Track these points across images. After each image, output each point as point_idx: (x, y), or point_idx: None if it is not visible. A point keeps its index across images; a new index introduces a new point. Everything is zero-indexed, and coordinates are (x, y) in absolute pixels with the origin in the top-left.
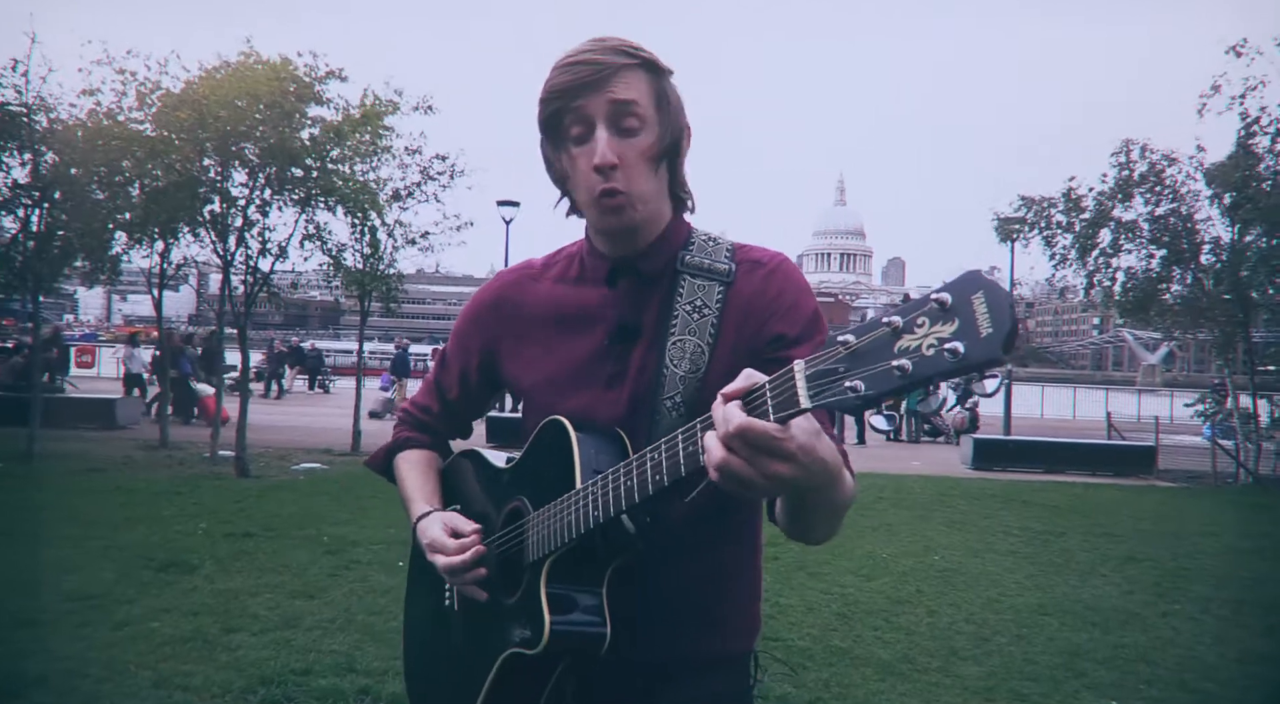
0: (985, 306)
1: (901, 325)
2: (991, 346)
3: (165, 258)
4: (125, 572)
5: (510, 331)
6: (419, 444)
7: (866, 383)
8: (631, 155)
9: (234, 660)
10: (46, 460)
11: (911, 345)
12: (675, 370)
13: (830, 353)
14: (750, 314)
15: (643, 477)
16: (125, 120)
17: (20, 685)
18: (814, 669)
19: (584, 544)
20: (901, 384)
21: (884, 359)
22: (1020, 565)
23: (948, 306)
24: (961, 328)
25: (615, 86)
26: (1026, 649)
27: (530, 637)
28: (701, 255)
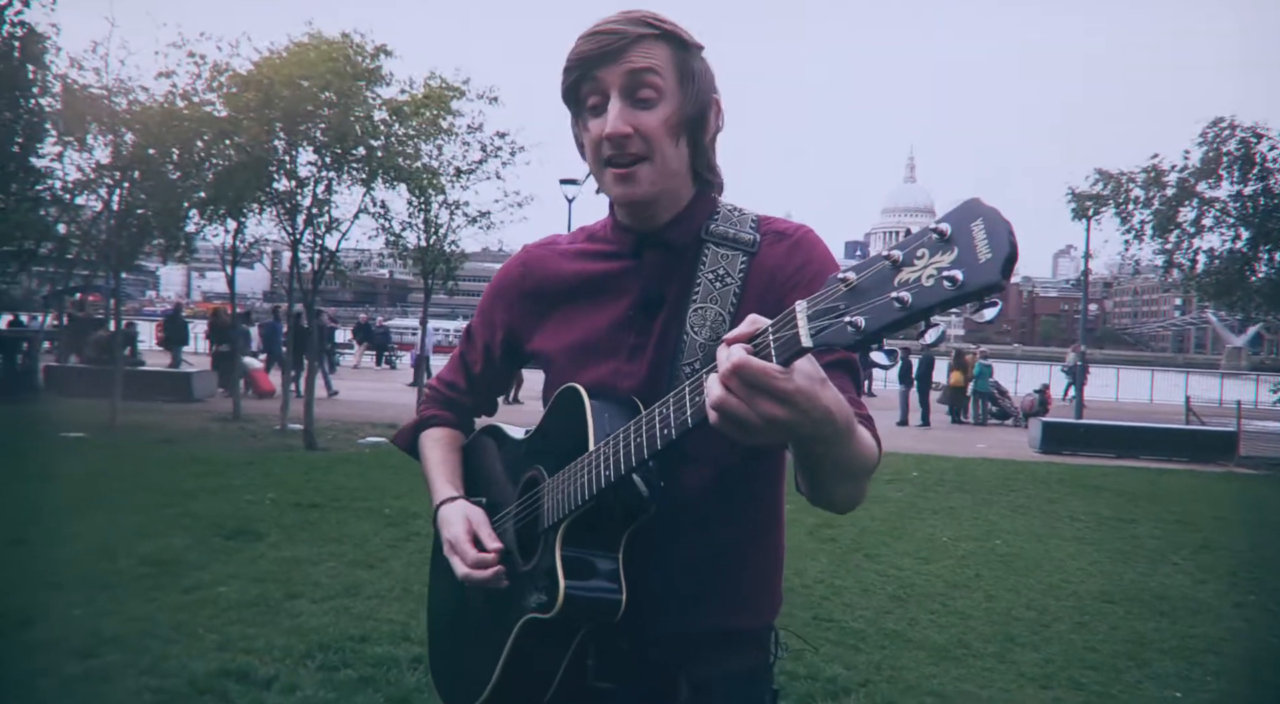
0: (984, 233)
1: (901, 258)
2: (990, 271)
3: (237, 236)
4: (197, 539)
5: (534, 305)
6: (443, 422)
7: (867, 317)
8: (648, 126)
9: (295, 626)
10: (127, 431)
11: (911, 277)
12: (695, 337)
13: (831, 291)
14: (773, 284)
15: (651, 432)
16: (199, 102)
17: (96, 644)
18: (866, 651)
19: (599, 507)
20: (901, 316)
21: (884, 292)
22: (1085, 552)
23: (947, 236)
24: (960, 256)
25: (633, 56)
26: (1087, 637)
27: (546, 601)
28: (726, 225)
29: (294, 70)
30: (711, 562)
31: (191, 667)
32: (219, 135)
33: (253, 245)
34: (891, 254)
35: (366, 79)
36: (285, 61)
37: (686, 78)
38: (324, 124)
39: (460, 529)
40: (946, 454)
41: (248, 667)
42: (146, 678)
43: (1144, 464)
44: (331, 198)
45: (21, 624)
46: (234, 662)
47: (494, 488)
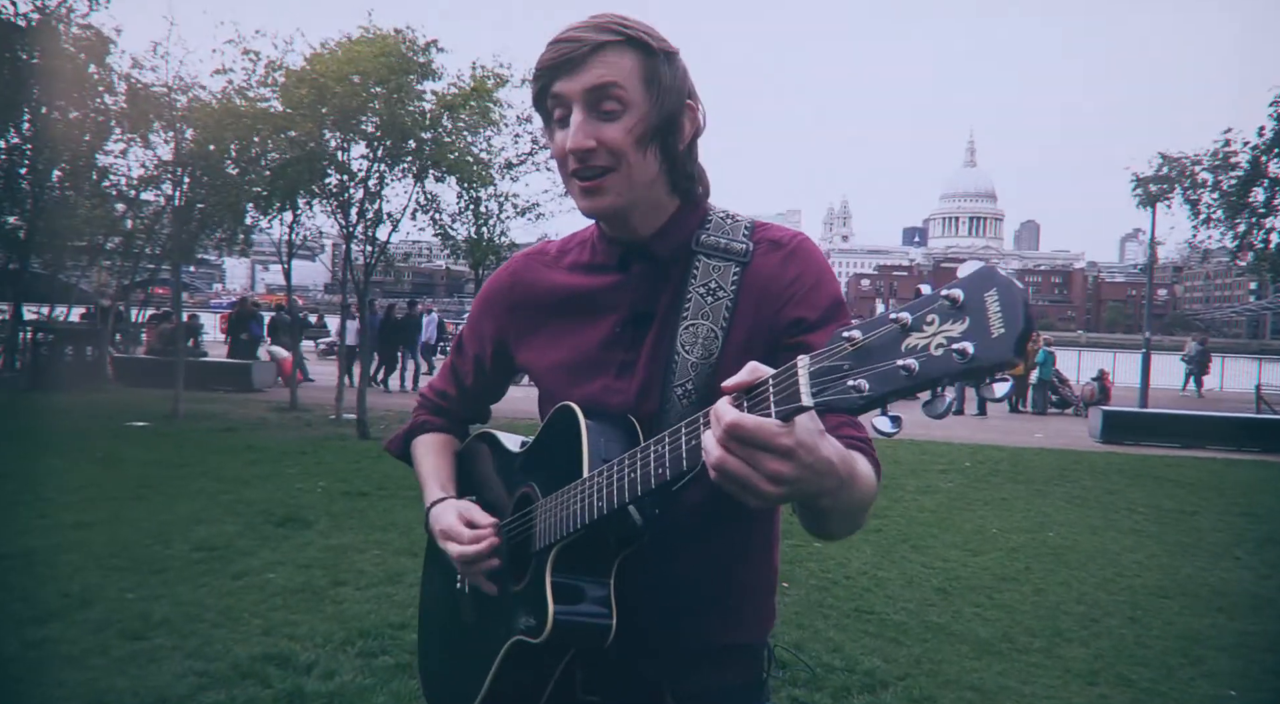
0: (998, 305)
1: (910, 322)
2: (1002, 348)
3: (293, 229)
4: (248, 525)
5: (523, 318)
6: (435, 428)
7: (871, 382)
8: (612, 138)
9: (338, 612)
10: (188, 420)
11: (919, 344)
12: (687, 356)
13: (836, 349)
14: (768, 296)
15: (645, 469)
16: (254, 98)
17: (146, 627)
18: (907, 644)
19: (591, 534)
20: (907, 385)
21: (890, 357)
22: (1143, 544)
23: (959, 303)
24: (972, 327)
25: (592, 67)
26: (1139, 632)
27: (534, 625)
28: (718, 235)
29: (346, 66)
30: (704, 578)
31: (235, 651)
32: (273, 130)
33: (307, 239)
34: (900, 316)
35: (418, 73)
36: (337, 57)
37: (653, 85)
38: (376, 118)
39: (453, 517)
40: (1002, 444)
41: (289, 652)
42: (191, 661)
43: (1210, 454)
44: (383, 191)
45: (82, 604)
46: (276, 647)
47: (487, 498)
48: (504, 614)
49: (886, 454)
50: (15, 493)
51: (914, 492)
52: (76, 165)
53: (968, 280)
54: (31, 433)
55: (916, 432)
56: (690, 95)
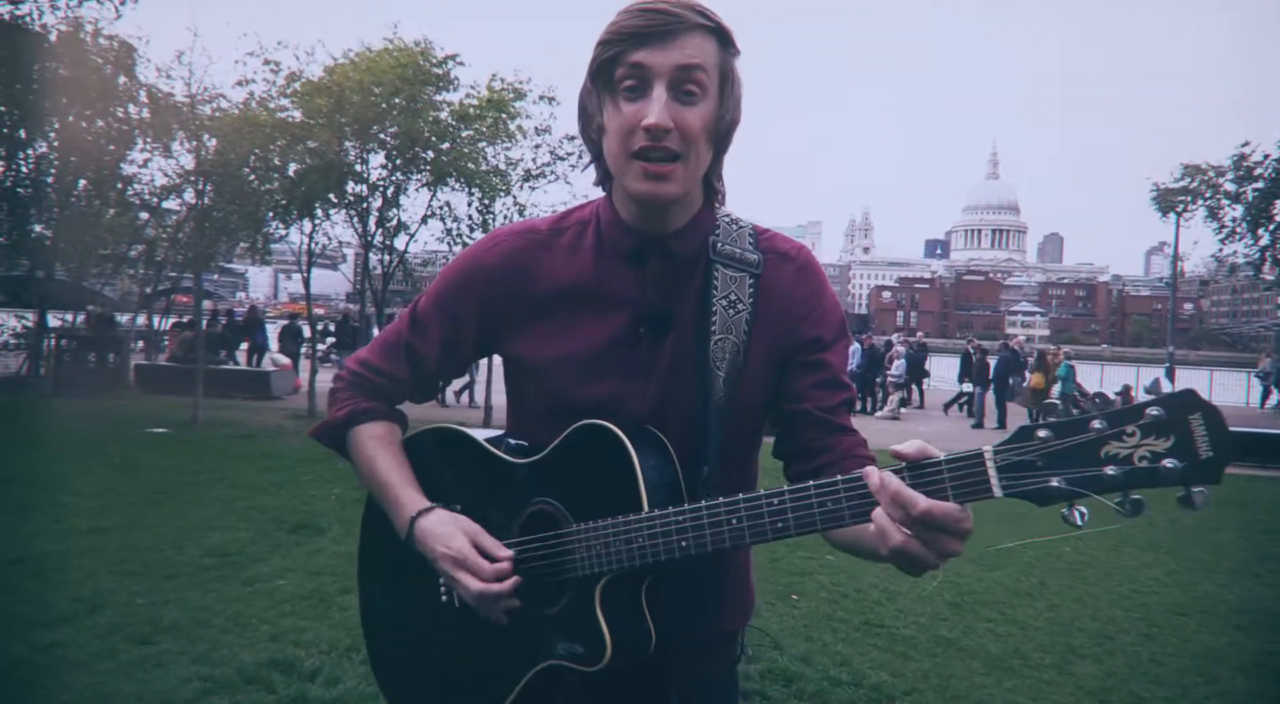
0: (1204, 429)
1: (1110, 431)
2: (1210, 469)
3: (311, 238)
4: (261, 532)
5: (517, 305)
6: (377, 415)
7: (1069, 482)
8: (688, 122)
9: (344, 619)
10: (207, 427)
11: (1120, 453)
12: (718, 372)
13: (1026, 445)
14: (785, 313)
15: (759, 523)
16: (276, 108)
17: (155, 632)
18: (915, 659)
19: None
20: (1108, 487)
21: (1090, 463)
22: (1161, 560)
23: (1162, 422)
24: (1178, 445)
25: (685, 45)
26: (1154, 650)
27: (584, 653)
28: (730, 243)
29: (365, 76)
30: (694, 575)
31: (241, 656)
32: (293, 140)
33: (326, 247)
34: (1098, 424)
35: (435, 84)
36: (356, 68)
37: (728, 81)
38: (393, 128)
39: (464, 542)
40: None
41: (294, 658)
42: (197, 666)
43: (1235, 470)
44: (400, 200)
45: (92, 609)
46: (282, 653)
47: (469, 504)
48: (528, 635)
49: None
50: (32, 498)
51: None
52: (101, 174)
53: (1170, 399)
54: (53, 438)
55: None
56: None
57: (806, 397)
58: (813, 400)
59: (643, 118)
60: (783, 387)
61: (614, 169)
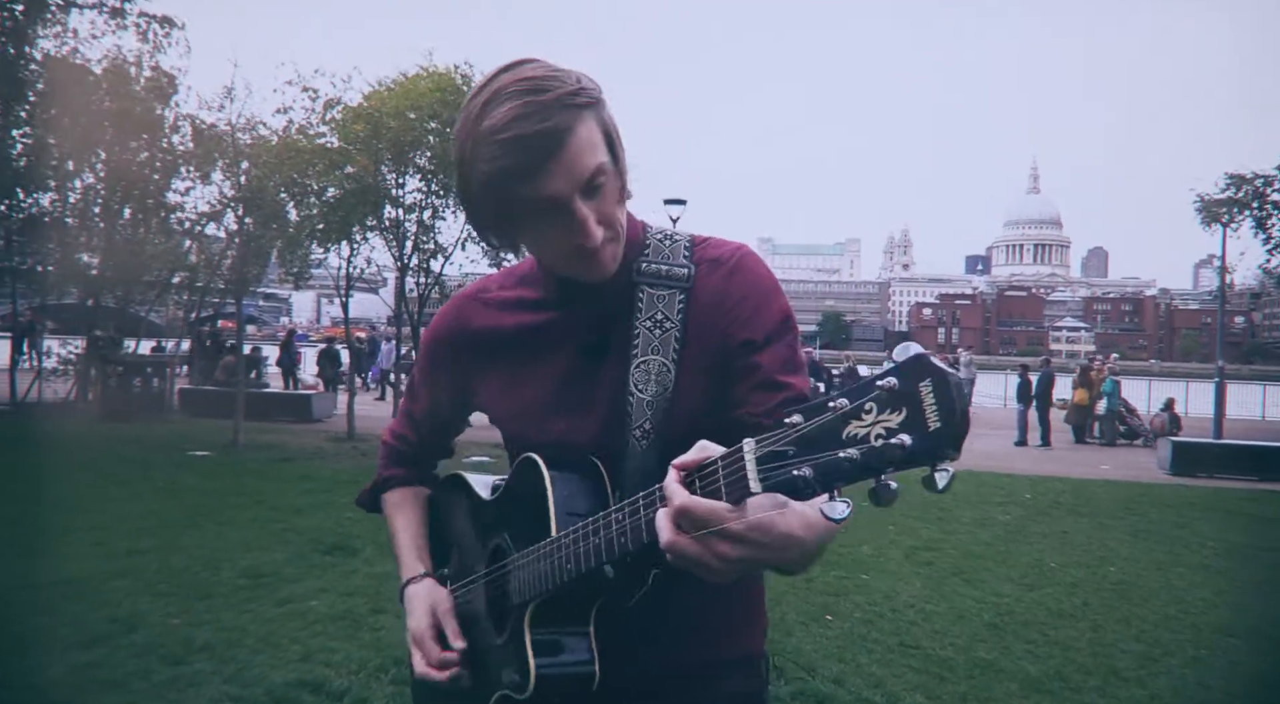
0: (933, 397)
1: (850, 409)
2: (939, 442)
3: (350, 262)
4: (296, 553)
5: (476, 361)
6: (402, 481)
7: (815, 471)
8: (609, 211)
9: (375, 640)
10: (248, 450)
11: (860, 433)
12: (641, 395)
13: (780, 434)
14: (715, 321)
15: (609, 536)
16: (313, 134)
17: (188, 652)
18: (952, 681)
19: (565, 590)
20: (851, 473)
21: (833, 447)
22: (1211, 581)
23: (896, 392)
24: (909, 418)
25: (579, 149)
26: (1201, 673)
27: (518, 681)
28: (658, 260)
29: (401, 102)
30: (694, 596)
31: (271, 677)
32: (330, 165)
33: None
34: (838, 403)
35: None
36: (393, 93)
37: (609, 139)
38: (429, 152)
39: (425, 622)
40: (1065, 475)
41: (323, 678)
42: (228, 686)
43: None
44: (436, 224)
45: (128, 629)
46: (312, 673)
47: (462, 547)
48: (490, 666)
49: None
50: (74, 521)
51: (969, 524)
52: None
53: (903, 367)
54: (98, 463)
55: (975, 463)
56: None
57: (742, 402)
58: (748, 405)
59: (577, 243)
60: (724, 395)
61: (548, 262)
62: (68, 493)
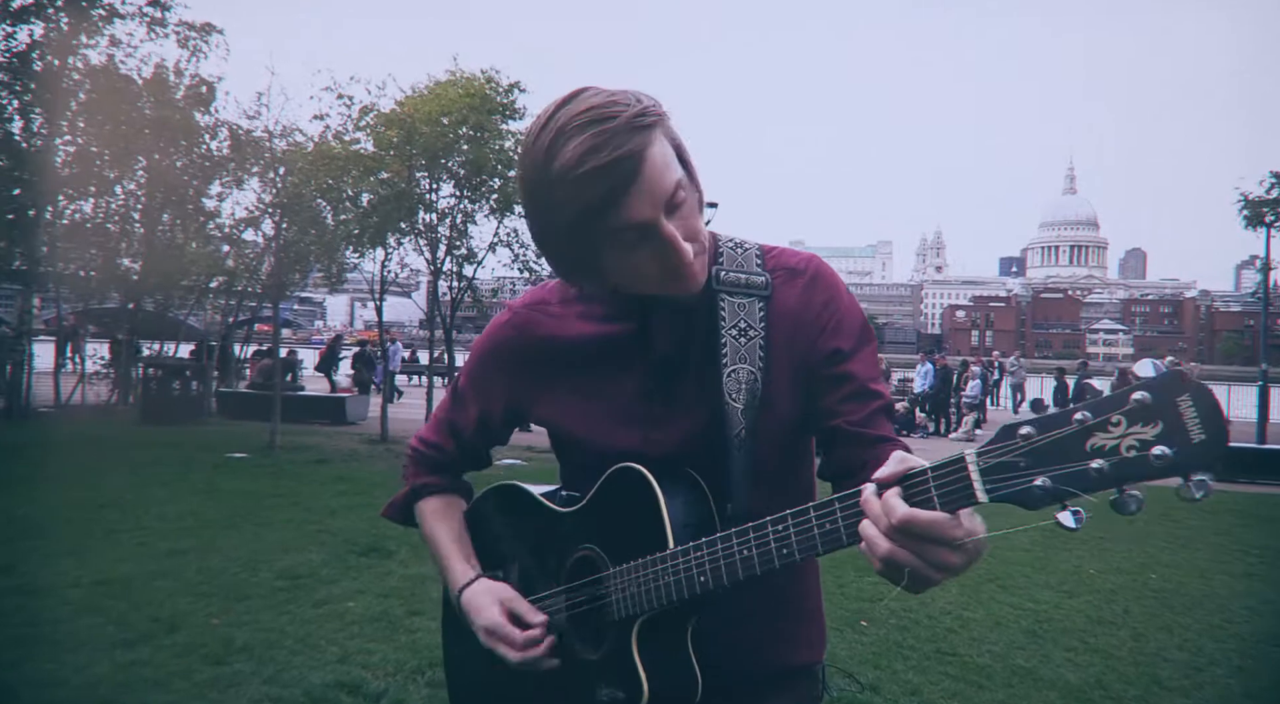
0: (1194, 410)
1: (1093, 422)
2: (1204, 454)
3: (384, 266)
4: (332, 555)
5: (537, 373)
6: (436, 489)
7: (1055, 481)
8: (692, 226)
9: (411, 642)
10: (284, 452)
11: (1106, 444)
12: (735, 404)
13: (1008, 445)
14: (799, 330)
15: (765, 551)
16: (351, 141)
17: (228, 653)
18: (990, 689)
19: (681, 604)
20: (1098, 483)
21: (1075, 458)
22: (1256, 589)
23: (1149, 406)
24: (1167, 431)
25: (656, 170)
26: (1247, 683)
27: (624, 699)
28: (734, 269)
29: (433, 108)
30: (765, 604)
31: (310, 678)
32: (365, 171)
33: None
34: (1082, 416)
35: (501, 113)
36: (425, 100)
37: (679, 155)
38: (461, 158)
39: (496, 612)
40: None
41: (360, 680)
42: (267, 687)
43: None
44: (468, 228)
45: (170, 629)
46: (349, 675)
47: (525, 560)
48: (575, 682)
49: None
50: (119, 522)
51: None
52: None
53: (1156, 382)
54: (140, 464)
55: None
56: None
57: (837, 412)
58: (843, 415)
59: (671, 264)
60: (813, 405)
61: (639, 290)
62: (110, 494)
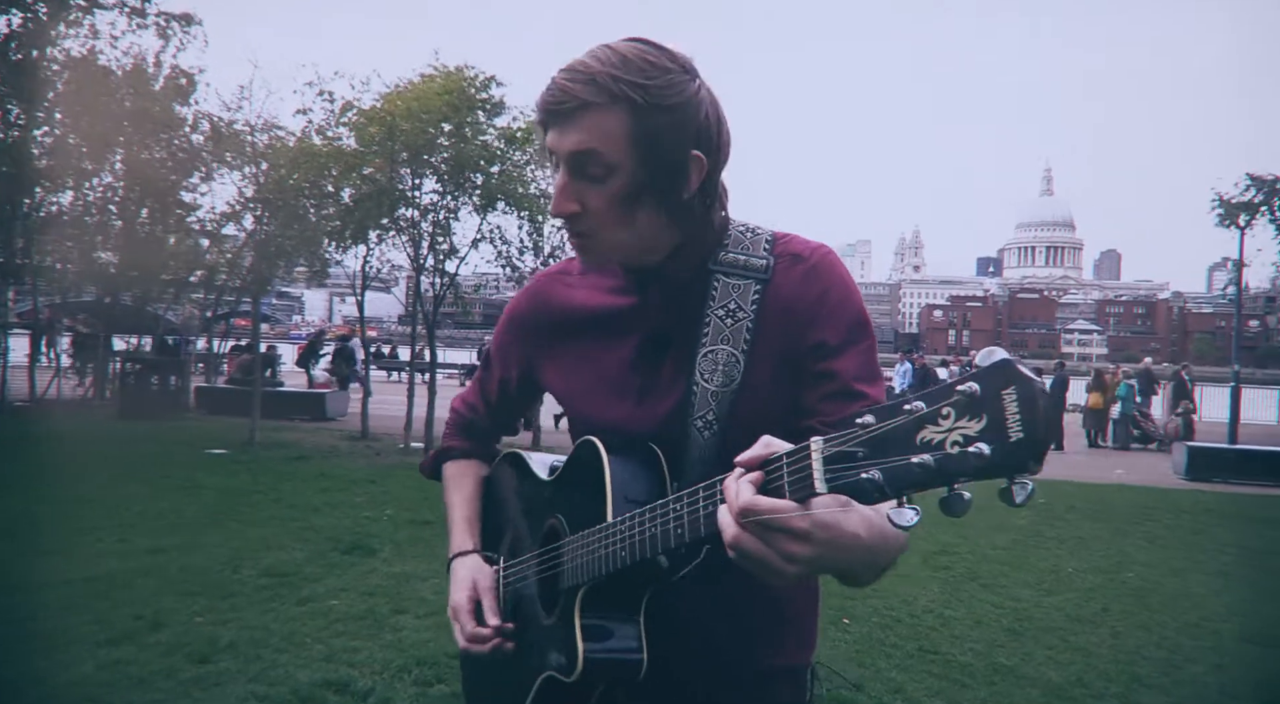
0: (1016, 406)
1: (925, 413)
2: (1020, 453)
3: (366, 262)
4: (315, 552)
5: (546, 340)
6: (463, 453)
7: (884, 475)
8: (595, 202)
9: (397, 640)
10: (263, 448)
11: (935, 438)
12: (706, 385)
13: (850, 434)
14: (791, 317)
15: (665, 527)
16: (332, 136)
17: (213, 651)
18: (973, 687)
19: (617, 576)
20: (923, 479)
21: (905, 451)
22: (1230, 587)
23: (976, 398)
24: (989, 426)
25: (580, 127)
26: (1223, 680)
27: (565, 664)
28: (737, 251)
29: (414, 104)
30: (749, 601)
31: (296, 676)
32: (347, 167)
33: (380, 271)
34: (914, 406)
35: (482, 108)
36: (405, 96)
37: (644, 143)
38: (444, 154)
39: (463, 596)
40: (1079, 480)
41: (348, 678)
42: (254, 685)
43: None
44: (451, 224)
45: (153, 627)
46: (336, 673)
47: (516, 526)
48: (538, 648)
49: None
50: (99, 519)
51: (985, 528)
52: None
53: (985, 373)
54: (118, 460)
55: None
56: (700, 139)
57: (814, 411)
58: (820, 415)
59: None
60: (796, 400)
61: None
62: (90, 490)
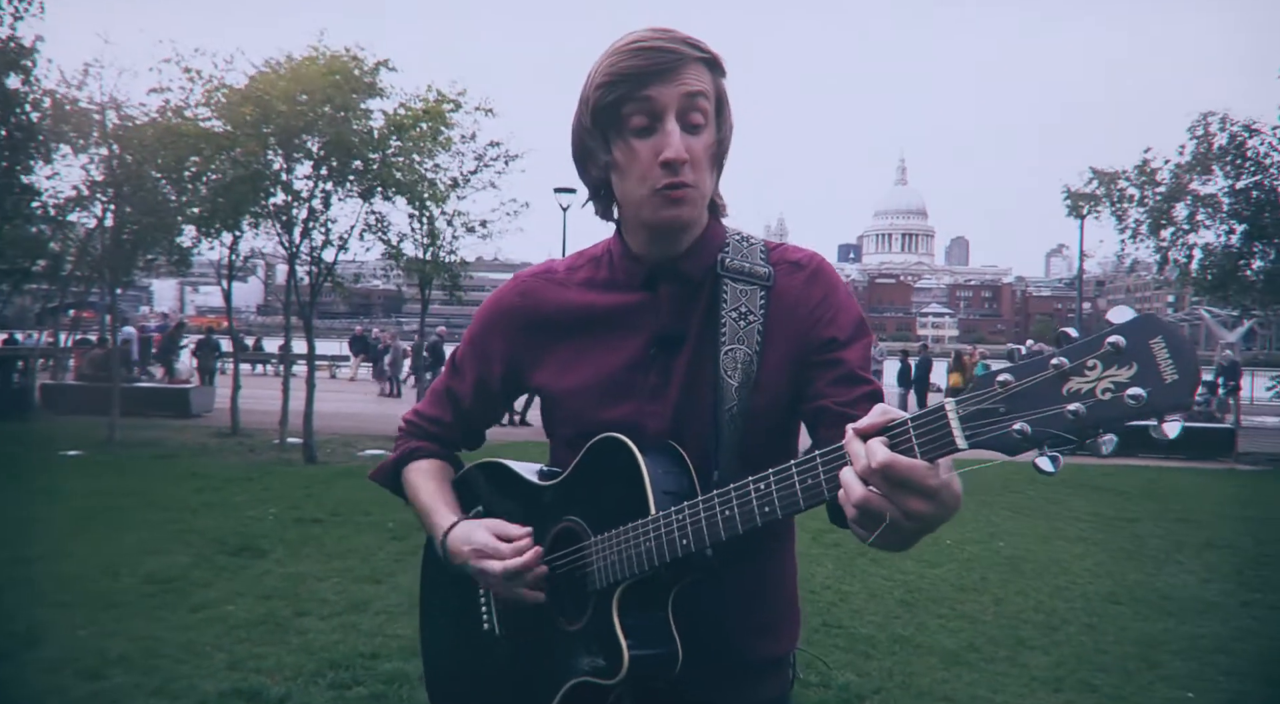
0: (1168, 352)
1: (1069, 366)
2: (1180, 393)
3: (233, 250)
4: (200, 556)
5: (537, 337)
6: (427, 454)
7: (1034, 425)
8: (698, 151)
9: (304, 644)
10: (125, 448)
11: (1083, 388)
12: (730, 381)
13: (986, 392)
14: (796, 319)
15: (747, 509)
16: (192, 117)
17: (104, 665)
18: (878, 658)
19: (657, 572)
20: (1074, 427)
21: (1052, 402)
22: (1090, 552)
23: (1123, 350)
24: (1141, 372)
25: (687, 77)
26: (1097, 639)
27: (605, 666)
28: (739, 258)
29: (291, 85)
30: (749, 595)
31: (202, 687)
32: (215, 150)
33: (248, 259)
34: (1059, 361)
35: (365, 92)
36: (282, 76)
37: (723, 105)
38: (321, 137)
39: (484, 535)
40: None
41: (259, 686)
42: (156, 699)
43: (1142, 463)
44: (328, 211)
45: (28, 643)
46: (245, 681)
47: None
48: (558, 655)
49: None
50: None
51: None
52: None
53: (1129, 327)
54: None
55: None
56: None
57: (824, 394)
58: (829, 396)
59: (660, 152)
60: (803, 389)
61: (630, 203)
62: None
